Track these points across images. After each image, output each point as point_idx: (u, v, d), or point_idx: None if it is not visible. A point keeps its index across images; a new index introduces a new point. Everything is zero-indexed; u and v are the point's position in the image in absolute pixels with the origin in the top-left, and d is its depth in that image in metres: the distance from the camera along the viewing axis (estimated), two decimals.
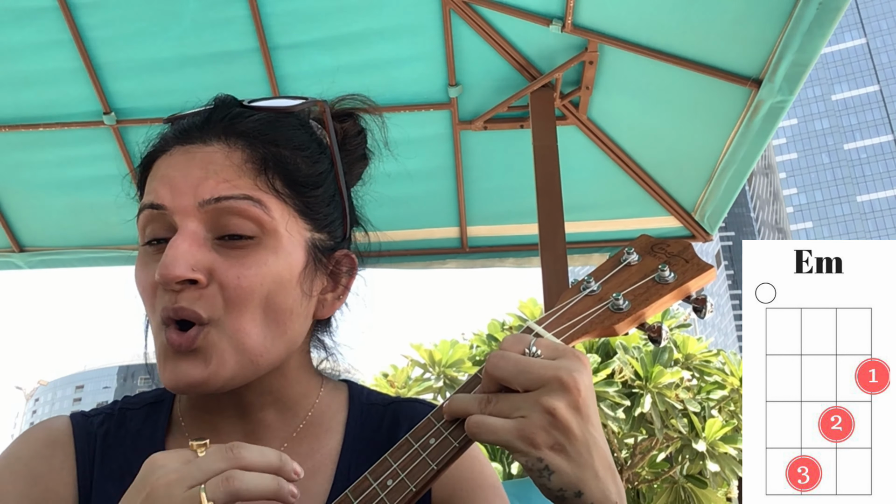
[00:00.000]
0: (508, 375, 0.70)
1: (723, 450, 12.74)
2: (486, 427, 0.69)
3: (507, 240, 3.50)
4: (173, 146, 0.84)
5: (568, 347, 0.73)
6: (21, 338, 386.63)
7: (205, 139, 0.83)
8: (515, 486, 2.04)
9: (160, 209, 0.80)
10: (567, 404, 0.67)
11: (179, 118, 0.89)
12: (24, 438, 0.91)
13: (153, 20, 2.67)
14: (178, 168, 0.81)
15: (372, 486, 0.71)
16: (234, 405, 0.88)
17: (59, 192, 3.23)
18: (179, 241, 0.76)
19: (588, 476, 0.67)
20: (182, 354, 0.78)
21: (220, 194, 0.78)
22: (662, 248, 0.81)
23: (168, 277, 0.75)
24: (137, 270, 0.82)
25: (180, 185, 0.79)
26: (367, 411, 0.95)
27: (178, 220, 0.78)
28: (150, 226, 0.81)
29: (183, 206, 0.78)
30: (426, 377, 14.78)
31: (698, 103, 2.74)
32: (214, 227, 0.79)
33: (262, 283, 0.79)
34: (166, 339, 0.78)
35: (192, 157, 0.82)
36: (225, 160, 0.81)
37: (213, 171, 0.80)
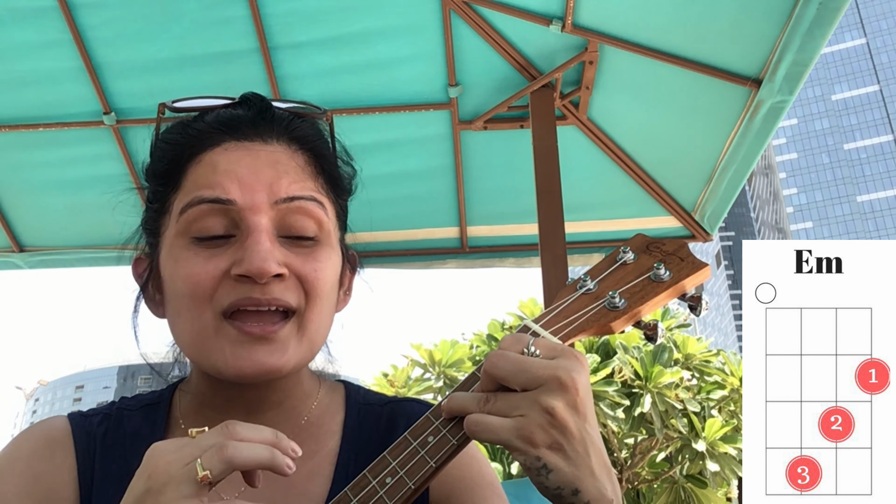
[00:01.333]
0: (507, 374, 0.70)
1: (723, 450, 12.73)
2: (485, 426, 0.69)
3: (507, 240, 3.50)
4: (225, 140, 0.84)
5: (566, 347, 0.73)
6: (21, 338, 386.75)
7: (264, 137, 0.85)
8: (515, 485, 2.04)
9: (228, 204, 0.80)
10: (565, 404, 0.68)
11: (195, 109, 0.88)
12: (23, 438, 0.91)
13: (153, 20, 2.67)
14: (244, 165, 0.82)
15: (371, 483, 0.72)
16: (244, 403, 0.89)
17: (59, 192, 3.23)
18: (263, 237, 0.79)
19: (585, 474, 0.68)
20: (259, 342, 0.80)
21: (294, 194, 0.82)
22: (658, 247, 0.82)
23: (265, 272, 0.78)
24: (184, 262, 0.81)
25: (251, 182, 0.81)
26: (365, 411, 0.96)
27: (250, 216, 0.80)
28: (205, 220, 0.81)
29: (256, 203, 0.81)
30: (426, 377, 14.76)
31: (698, 103, 2.74)
32: (281, 224, 0.82)
33: (329, 278, 0.84)
34: (240, 330, 0.80)
35: (256, 154, 0.83)
36: (290, 161, 0.85)
37: (284, 171, 0.83)
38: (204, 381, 0.90)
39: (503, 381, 0.71)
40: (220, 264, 0.80)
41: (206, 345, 0.81)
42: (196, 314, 0.81)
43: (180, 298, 0.82)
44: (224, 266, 0.80)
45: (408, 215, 3.35)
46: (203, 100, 0.89)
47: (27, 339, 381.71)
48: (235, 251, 0.80)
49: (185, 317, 0.82)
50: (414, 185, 3.26)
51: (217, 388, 0.89)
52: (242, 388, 0.87)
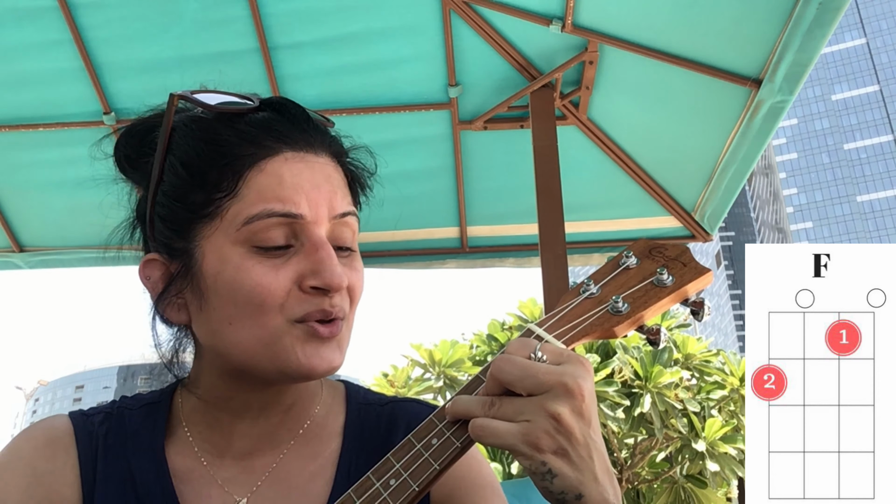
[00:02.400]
0: (514, 379, 0.71)
1: (723, 450, 12.74)
2: (490, 430, 0.70)
3: (507, 240, 3.50)
4: (283, 150, 0.84)
5: (573, 353, 0.73)
6: (21, 338, 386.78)
7: (315, 150, 0.86)
8: (515, 486, 2.04)
9: (297, 218, 0.82)
10: (571, 410, 0.69)
11: (252, 110, 0.87)
12: (24, 437, 0.91)
13: (153, 20, 2.67)
14: (307, 178, 0.84)
15: (375, 485, 0.72)
16: (259, 405, 0.89)
17: (59, 192, 3.23)
18: (331, 251, 0.83)
19: (588, 479, 0.68)
20: (326, 343, 0.83)
21: (346, 210, 0.86)
22: (661, 252, 0.82)
23: (341, 287, 0.83)
24: (247, 272, 0.81)
25: (315, 197, 0.83)
26: (365, 412, 0.96)
27: (314, 229, 0.82)
28: (270, 231, 0.81)
29: (319, 217, 0.83)
30: (426, 377, 14.77)
31: (698, 103, 2.73)
32: (332, 237, 0.85)
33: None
34: (310, 331, 0.82)
35: (312, 167, 0.85)
36: (337, 175, 0.88)
37: (337, 186, 0.86)
38: (222, 384, 0.88)
39: (509, 386, 0.71)
40: (289, 275, 0.81)
41: (274, 347, 0.82)
42: (264, 321, 0.81)
43: (243, 306, 0.81)
44: (293, 277, 0.81)
45: (408, 215, 3.35)
46: (216, 94, 0.87)
47: (27, 339, 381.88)
48: (300, 262, 0.82)
49: (245, 323, 0.81)
50: (414, 185, 3.26)
51: (234, 392, 0.88)
52: (261, 391, 0.88)
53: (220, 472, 0.88)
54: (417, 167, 3.21)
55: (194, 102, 0.86)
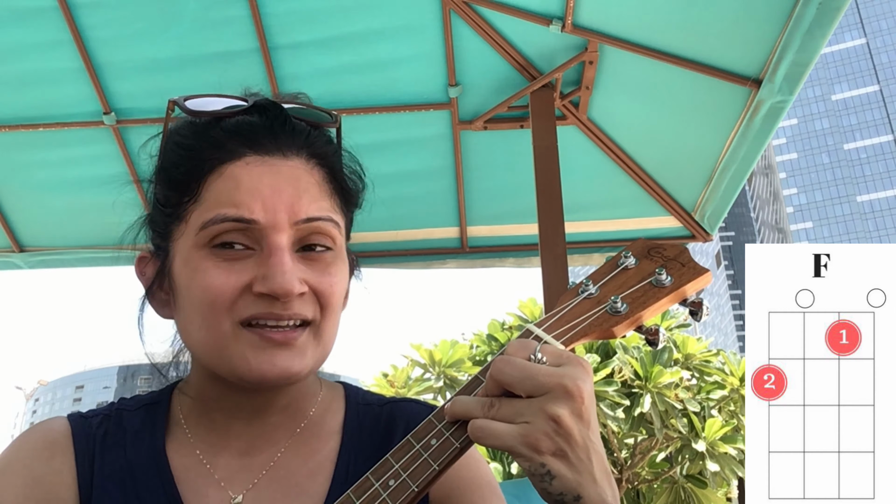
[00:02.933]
0: (514, 381, 0.71)
1: (723, 450, 12.73)
2: (489, 431, 0.70)
3: (507, 240, 3.50)
4: (247, 154, 0.84)
5: (572, 355, 0.74)
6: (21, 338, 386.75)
7: (284, 152, 0.85)
8: (515, 486, 2.04)
9: (250, 223, 0.81)
10: (571, 412, 0.69)
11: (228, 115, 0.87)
12: (22, 440, 0.91)
13: (153, 20, 2.67)
14: (266, 183, 0.82)
15: (374, 486, 0.72)
16: (251, 407, 0.90)
17: (59, 192, 3.23)
18: (285, 258, 0.81)
19: (587, 481, 0.69)
20: (280, 348, 0.82)
21: (312, 214, 0.83)
22: (659, 252, 0.83)
23: (289, 293, 0.80)
24: (203, 272, 0.82)
25: (273, 203, 0.82)
26: (364, 412, 0.97)
27: (271, 234, 0.81)
28: (226, 235, 0.82)
29: (277, 223, 0.81)
30: (426, 377, 14.76)
31: (698, 103, 2.73)
32: (299, 240, 0.84)
33: (341, 290, 0.87)
34: (261, 337, 0.82)
35: (277, 171, 0.83)
36: (309, 177, 0.85)
37: (304, 190, 0.84)
38: (210, 386, 0.90)
39: (509, 388, 0.71)
40: (242, 278, 0.81)
41: (226, 351, 0.82)
42: (214, 322, 0.82)
43: (197, 307, 0.83)
44: (245, 280, 0.81)
45: (408, 215, 3.35)
46: (214, 98, 0.88)
47: (27, 339, 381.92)
48: (256, 266, 0.81)
49: (201, 324, 0.83)
50: (414, 185, 3.26)
51: (225, 393, 0.89)
52: (250, 392, 0.88)
53: (219, 470, 0.89)
54: (417, 167, 3.21)
55: (181, 108, 0.88)
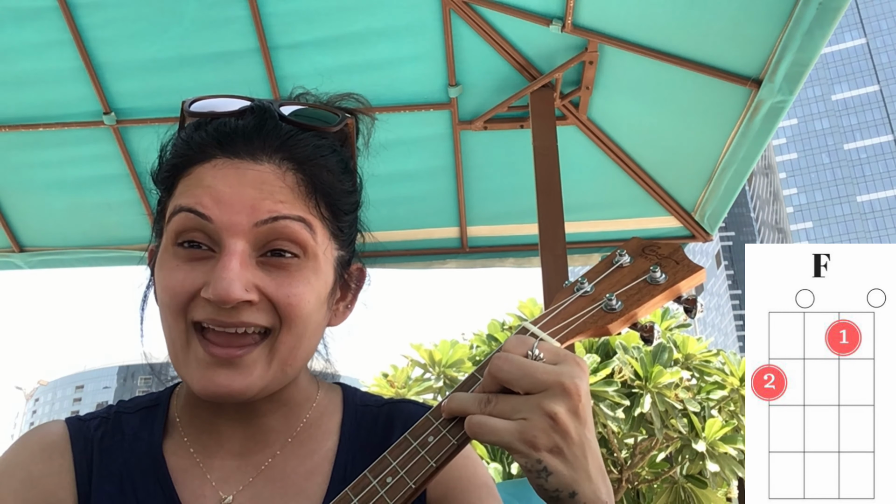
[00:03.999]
0: (511, 378, 0.71)
1: (723, 450, 12.74)
2: (487, 428, 0.70)
3: (507, 240, 3.50)
4: (217, 156, 0.83)
5: (569, 353, 0.74)
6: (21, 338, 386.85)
7: (255, 156, 0.83)
8: (515, 485, 2.04)
9: (205, 220, 0.79)
10: (567, 409, 0.69)
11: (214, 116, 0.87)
12: (20, 443, 0.91)
13: (153, 20, 2.67)
14: (228, 183, 0.81)
15: (371, 483, 0.73)
16: (236, 411, 0.90)
17: (59, 192, 3.23)
18: (232, 262, 0.78)
19: (582, 478, 0.69)
20: (222, 364, 0.80)
21: (278, 213, 0.80)
22: (654, 250, 0.83)
23: (227, 299, 0.77)
24: (166, 271, 0.81)
25: (232, 203, 0.79)
26: (362, 412, 0.97)
27: (226, 237, 0.79)
28: (189, 232, 0.81)
29: (234, 224, 0.79)
30: (426, 377, 14.77)
31: (698, 103, 2.74)
32: (261, 245, 0.81)
33: (308, 302, 0.82)
34: (206, 350, 0.80)
35: (243, 174, 0.81)
36: (278, 181, 0.82)
37: (269, 192, 0.81)
38: None
39: (507, 384, 0.72)
40: (196, 281, 0.80)
41: (180, 358, 0.82)
42: (173, 323, 0.82)
43: (162, 306, 0.83)
44: (198, 283, 0.80)
45: (408, 215, 3.35)
46: (221, 99, 0.88)
47: (27, 339, 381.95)
48: (210, 270, 0.80)
49: (165, 323, 0.83)
50: (414, 185, 3.26)
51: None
52: None
53: (213, 471, 0.89)
54: (417, 167, 3.22)
55: (183, 108, 0.89)
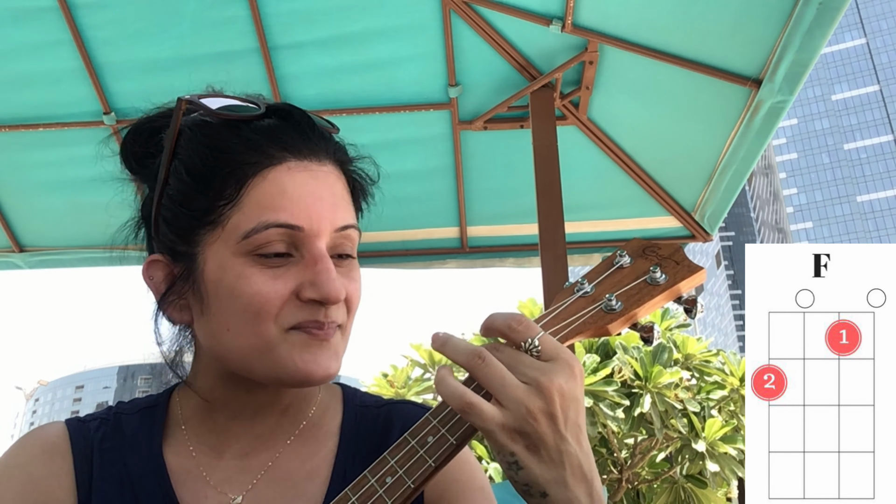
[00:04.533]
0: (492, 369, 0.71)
1: (722, 450, 12.74)
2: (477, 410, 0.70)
3: (507, 240, 3.50)
4: (286, 158, 0.83)
5: (567, 355, 0.73)
6: (21, 338, 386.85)
7: (318, 158, 0.86)
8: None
9: (298, 230, 0.82)
10: (541, 409, 0.69)
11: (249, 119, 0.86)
12: (20, 445, 0.91)
13: (153, 20, 2.67)
14: (310, 190, 0.83)
15: (370, 482, 0.73)
16: (254, 408, 0.90)
17: (59, 192, 3.23)
18: (330, 264, 0.83)
19: (556, 481, 0.69)
20: (323, 349, 0.84)
21: (347, 223, 0.86)
22: (654, 251, 0.83)
23: (338, 299, 0.83)
24: (248, 280, 0.81)
25: (316, 209, 0.83)
26: (361, 413, 0.97)
27: (315, 241, 0.82)
28: (274, 241, 0.82)
29: (321, 230, 0.83)
30: (426, 377, 14.77)
31: (698, 103, 2.74)
32: (333, 248, 0.85)
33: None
34: (306, 336, 0.83)
35: (315, 176, 0.84)
36: (340, 185, 0.87)
37: (340, 197, 0.86)
38: (221, 387, 0.90)
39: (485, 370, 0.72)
40: (288, 285, 0.81)
41: (269, 355, 0.82)
42: (258, 329, 0.82)
43: (240, 313, 0.82)
44: (291, 287, 0.81)
45: (408, 215, 3.35)
46: (224, 98, 0.87)
47: (27, 339, 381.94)
48: (300, 273, 0.82)
49: (241, 330, 0.82)
50: (414, 185, 3.26)
51: (232, 394, 0.89)
52: (257, 393, 0.89)
53: (217, 472, 0.89)
54: (417, 167, 3.21)
55: (201, 108, 0.86)
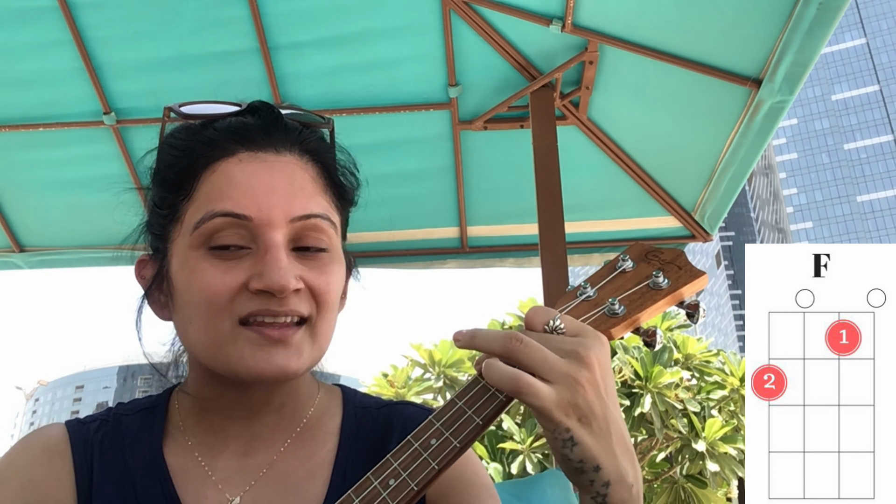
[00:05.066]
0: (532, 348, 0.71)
1: (723, 450, 12.75)
2: (533, 389, 0.69)
3: (507, 240, 3.50)
4: (238, 150, 0.84)
5: (590, 328, 0.75)
6: (21, 338, 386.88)
7: (277, 148, 0.85)
8: (514, 486, 2.04)
9: (244, 220, 0.81)
10: (587, 380, 0.69)
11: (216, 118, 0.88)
12: (20, 446, 0.92)
13: (153, 20, 2.67)
14: (261, 179, 0.83)
15: (374, 485, 0.73)
16: (246, 407, 0.90)
17: (59, 192, 3.23)
18: (280, 253, 0.81)
19: (607, 452, 0.69)
20: (277, 346, 0.82)
21: (309, 212, 0.84)
22: (656, 256, 0.84)
23: (285, 289, 0.80)
24: (200, 273, 0.82)
25: (267, 198, 0.82)
26: (361, 414, 0.97)
27: (266, 231, 0.81)
28: (221, 232, 0.82)
29: (272, 220, 0.82)
30: (426, 377, 14.77)
31: (698, 103, 2.73)
32: (295, 238, 0.84)
33: (337, 288, 0.87)
34: (259, 335, 0.82)
35: (270, 166, 0.84)
36: (303, 174, 0.86)
37: (300, 186, 0.84)
38: (207, 385, 0.90)
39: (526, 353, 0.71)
40: (238, 277, 0.81)
41: (224, 350, 0.82)
42: (212, 322, 0.82)
43: (195, 307, 0.83)
44: (242, 279, 0.81)
45: (408, 215, 3.35)
46: (209, 105, 0.89)
47: (27, 339, 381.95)
48: (253, 264, 0.81)
49: (200, 324, 0.83)
50: (414, 185, 3.26)
51: (220, 392, 0.89)
52: (245, 391, 0.88)
53: (217, 471, 0.89)
54: (417, 167, 3.21)
55: (176, 112, 0.89)
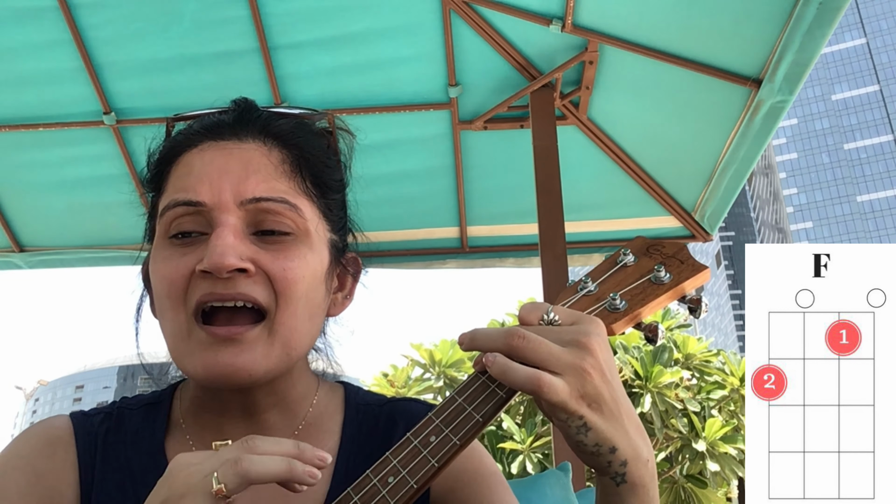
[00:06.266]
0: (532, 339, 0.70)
1: (723, 450, 12.73)
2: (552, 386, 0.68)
3: (507, 240, 3.50)
4: (203, 141, 0.85)
5: (584, 314, 0.74)
6: (21, 338, 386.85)
7: (240, 136, 0.85)
8: (515, 485, 2.03)
9: (197, 206, 0.81)
10: (592, 365, 0.69)
11: (192, 117, 0.90)
12: (24, 437, 0.91)
13: (153, 20, 2.67)
14: (215, 164, 0.83)
15: (373, 482, 0.72)
16: (239, 406, 0.89)
17: (59, 192, 3.23)
18: (225, 233, 0.78)
19: (620, 433, 0.70)
20: (225, 344, 0.79)
21: (261, 195, 0.81)
22: (658, 250, 0.83)
23: (221, 266, 0.77)
24: (160, 263, 0.82)
25: (219, 182, 0.81)
26: (363, 412, 0.96)
27: (218, 215, 0.80)
28: (180, 221, 0.82)
29: (223, 202, 0.80)
30: (426, 377, 14.75)
31: (698, 103, 2.73)
32: (253, 223, 0.82)
33: (304, 276, 0.82)
34: (207, 332, 0.79)
35: (229, 153, 0.84)
36: (263, 159, 0.84)
37: (253, 170, 0.82)
38: (200, 385, 0.90)
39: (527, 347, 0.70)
40: (190, 262, 0.80)
41: (181, 349, 0.82)
42: (173, 315, 0.82)
43: (161, 299, 0.83)
44: (192, 263, 0.80)
45: (408, 215, 3.35)
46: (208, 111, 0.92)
47: (27, 339, 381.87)
48: (204, 248, 0.80)
49: (166, 318, 0.83)
50: (414, 185, 3.26)
51: (214, 392, 0.89)
52: (235, 391, 0.87)
53: None
54: (417, 167, 3.21)
55: (167, 122, 0.91)
